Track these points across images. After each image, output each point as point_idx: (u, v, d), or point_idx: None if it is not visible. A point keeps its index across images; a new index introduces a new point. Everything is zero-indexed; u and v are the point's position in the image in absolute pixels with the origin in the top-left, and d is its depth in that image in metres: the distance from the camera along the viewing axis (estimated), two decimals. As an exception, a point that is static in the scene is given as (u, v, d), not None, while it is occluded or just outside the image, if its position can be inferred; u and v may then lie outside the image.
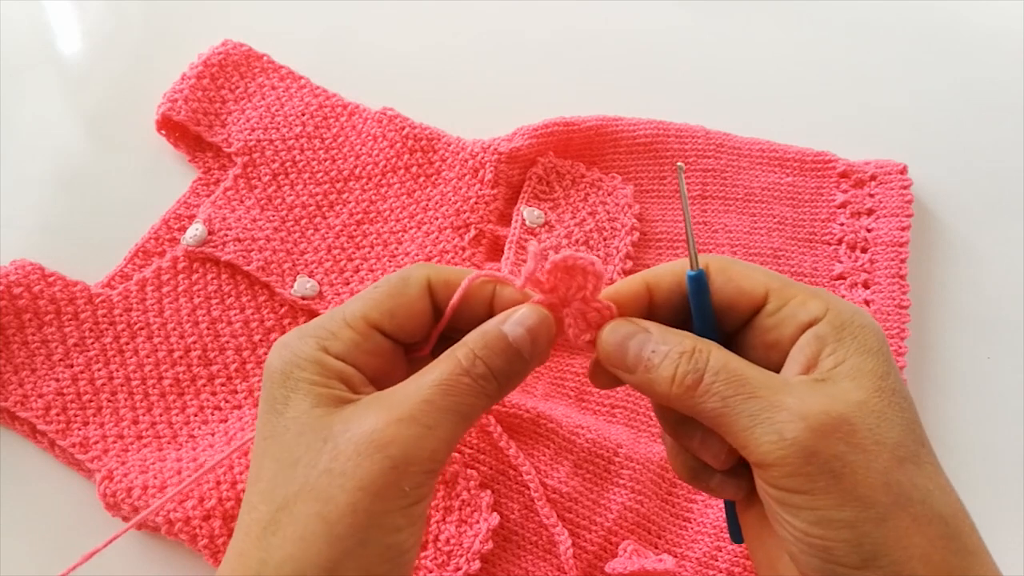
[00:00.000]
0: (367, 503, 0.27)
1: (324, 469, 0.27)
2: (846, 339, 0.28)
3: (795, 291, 0.30)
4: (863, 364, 0.28)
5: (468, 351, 0.29)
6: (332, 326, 0.30)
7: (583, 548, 0.47)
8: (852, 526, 0.26)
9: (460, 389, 0.29)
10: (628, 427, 0.51)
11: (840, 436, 0.26)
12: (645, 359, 0.29)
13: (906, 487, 0.26)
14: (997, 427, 0.52)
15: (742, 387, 0.27)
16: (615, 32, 0.68)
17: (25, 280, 0.51)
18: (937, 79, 0.66)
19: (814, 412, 0.26)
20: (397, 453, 0.27)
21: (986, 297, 0.57)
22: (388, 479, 0.27)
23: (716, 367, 0.28)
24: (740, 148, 0.60)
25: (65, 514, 0.49)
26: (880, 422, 0.27)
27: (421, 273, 0.31)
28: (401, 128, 0.59)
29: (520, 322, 0.30)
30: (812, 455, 0.26)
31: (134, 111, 0.62)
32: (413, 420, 0.28)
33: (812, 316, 0.29)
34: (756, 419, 0.27)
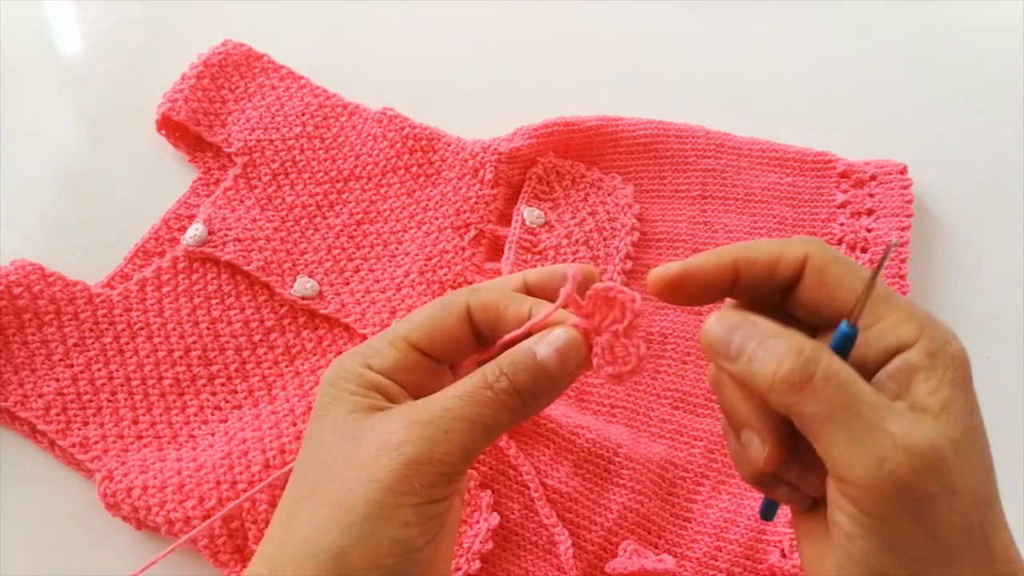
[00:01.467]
0: (380, 495, 0.28)
1: (346, 463, 0.30)
2: (939, 369, 0.27)
3: (888, 310, 0.28)
4: (956, 399, 0.27)
5: (494, 367, 0.31)
6: (378, 345, 0.33)
7: (583, 548, 0.47)
8: (921, 560, 0.26)
9: (480, 400, 0.30)
10: (628, 427, 0.51)
11: (936, 474, 0.26)
12: (750, 350, 0.28)
13: (977, 530, 0.26)
14: (997, 427, 0.52)
15: (852, 401, 0.26)
16: (615, 32, 0.68)
17: (25, 280, 0.51)
18: (937, 79, 0.66)
19: (920, 445, 0.26)
20: (410, 451, 0.29)
21: (986, 297, 0.57)
22: (400, 475, 0.29)
23: (828, 372, 0.27)
24: (740, 148, 0.60)
25: (65, 514, 0.49)
26: (967, 463, 0.26)
27: (461, 300, 0.33)
28: (401, 128, 0.59)
29: (550, 343, 0.31)
30: (907, 488, 0.25)
31: (134, 111, 0.62)
32: (430, 424, 0.29)
33: (903, 341, 0.28)
34: (859, 438, 0.26)
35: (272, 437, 0.48)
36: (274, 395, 0.51)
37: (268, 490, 0.46)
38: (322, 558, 0.28)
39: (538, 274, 0.36)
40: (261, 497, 0.46)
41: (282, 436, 0.48)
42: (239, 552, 0.46)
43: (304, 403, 0.50)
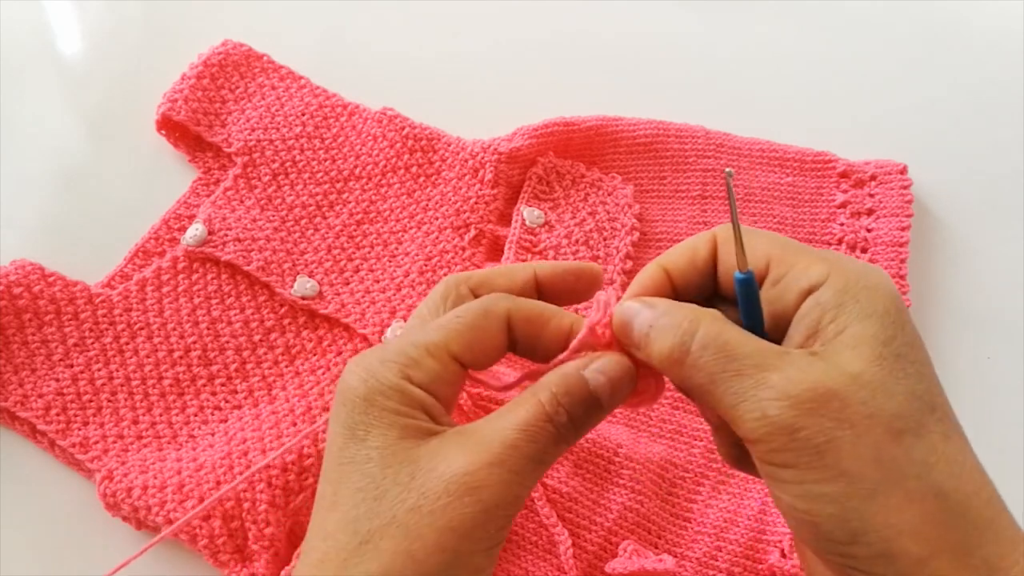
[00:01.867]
0: (455, 543, 0.27)
1: (413, 506, 0.27)
2: (848, 304, 0.27)
3: (798, 257, 0.29)
4: (864, 330, 0.27)
5: (552, 397, 0.29)
6: (415, 353, 0.30)
7: (583, 548, 0.47)
8: (837, 501, 0.25)
9: (544, 437, 0.29)
10: (628, 427, 0.51)
11: (826, 412, 0.25)
12: (645, 333, 0.29)
13: (901, 462, 0.25)
14: (997, 427, 0.52)
15: (730, 363, 0.27)
16: (615, 32, 0.68)
17: (25, 280, 0.51)
18: (937, 79, 0.66)
19: (799, 389, 0.26)
20: (488, 498, 0.27)
21: (986, 297, 0.57)
22: (477, 521, 0.27)
23: (704, 340, 0.27)
24: (740, 148, 0.60)
25: (65, 514, 0.49)
26: (875, 394, 0.26)
27: (502, 307, 0.32)
28: (401, 128, 0.59)
29: (603, 371, 0.30)
30: (795, 431, 0.25)
31: (134, 111, 0.62)
32: (503, 465, 0.28)
33: (813, 282, 0.28)
34: (741, 396, 0.26)
35: (272, 437, 0.48)
36: (274, 395, 0.51)
37: (268, 490, 0.46)
38: None
39: (550, 270, 0.35)
40: (261, 497, 0.46)
41: (282, 436, 0.48)
42: (239, 552, 0.46)
43: (304, 403, 0.50)
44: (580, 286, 0.35)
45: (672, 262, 0.32)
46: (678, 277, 0.32)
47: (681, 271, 0.32)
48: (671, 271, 0.32)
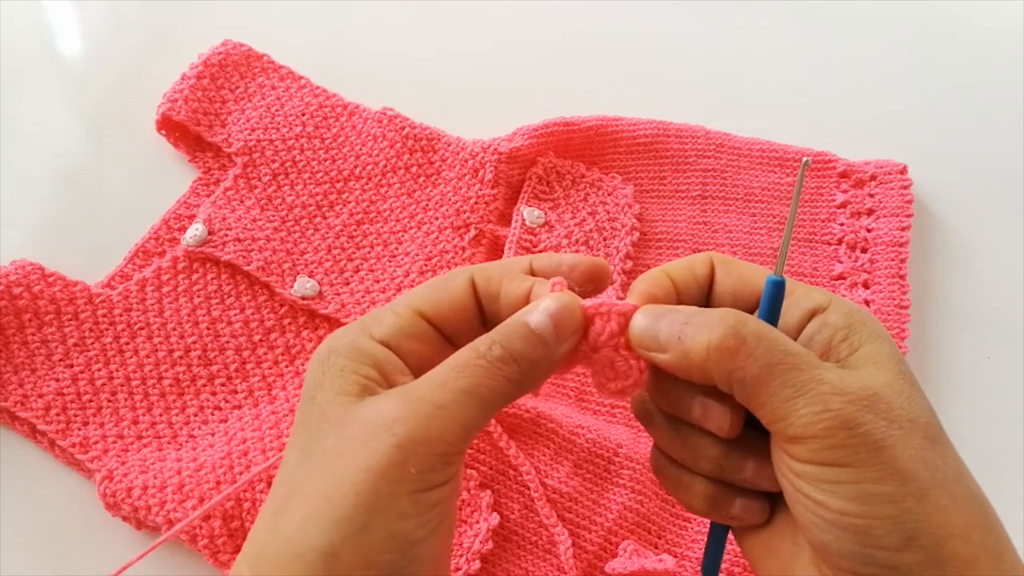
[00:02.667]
0: (371, 484, 0.26)
1: (334, 452, 0.27)
2: (856, 326, 0.28)
3: (796, 285, 0.31)
4: (880, 348, 0.28)
5: (486, 337, 0.29)
6: (378, 314, 0.31)
7: (583, 548, 0.47)
8: (894, 501, 0.25)
9: (475, 370, 0.28)
10: (628, 427, 0.51)
11: (880, 411, 0.26)
12: (679, 331, 0.28)
13: (940, 466, 0.26)
14: (997, 427, 0.52)
15: (787, 356, 0.27)
16: (615, 32, 0.68)
17: (25, 280, 0.51)
18: (937, 79, 0.66)
19: (854, 387, 0.26)
20: (403, 431, 0.26)
21: (986, 297, 0.57)
22: (393, 459, 0.26)
23: (759, 333, 0.27)
24: (740, 148, 0.60)
25: (65, 514, 0.49)
26: (910, 402, 0.27)
27: (465, 272, 0.32)
28: (401, 128, 0.59)
29: (543, 309, 0.29)
30: (857, 425, 0.25)
31: (134, 111, 0.62)
32: (422, 399, 0.27)
33: (816, 304, 0.29)
34: (799, 390, 0.26)
35: (272, 437, 0.48)
36: (274, 395, 0.51)
37: (268, 490, 0.46)
38: (309, 558, 0.26)
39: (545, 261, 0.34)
40: (261, 497, 0.46)
41: (282, 436, 0.48)
42: (239, 552, 0.46)
43: (304, 403, 0.50)
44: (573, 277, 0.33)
45: (674, 271, 0.32)
46: (680, 286, 0.32)
47: (683, 283, 0.32)
48: (674, 280, 0.32)
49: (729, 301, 0.31)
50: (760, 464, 0.30)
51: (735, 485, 0.31)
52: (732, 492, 0.31)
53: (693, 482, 0.32)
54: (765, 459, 0.30)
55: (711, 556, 0.33)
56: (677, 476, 0.32)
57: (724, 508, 0.31)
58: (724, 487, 0.31)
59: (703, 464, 0.31)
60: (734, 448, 0.30)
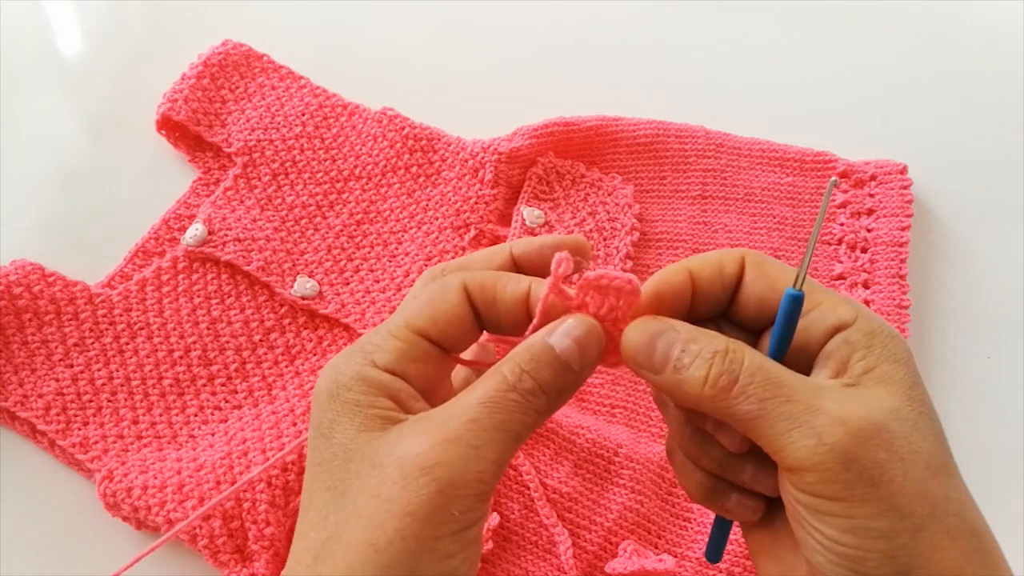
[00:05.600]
0: (415, 529, 0.26)
1: (372, 495, 0.26)
2: (876, 346, 0.28)
3: (825, 295, 0.29)
4: (894, 372, 0.27)
5: (514, 365, 0.28)
6: (376, 339, 0.30)
7: (583, 548, 0.47)
8: (887, 536, 0.25)
9: (507, 406, 0.27)
10: (628, 427, 0.51)
11: (879, 443, 0.25)
12: (674, 359, 0.28)
13: (940, 499, 0.26)
14: (997, 427, 0.52)
15: (779, 390, 0.26)
16: (615, 32, 0.68)
17: (25, 280, 0.51)
18: (937, 79, 0.66)
19: (854, 417, 0.26)
20: (443, 475, 0.26)
21: (986, 297, 0.57)
22: (435, 503, 0.26)
23: (752, 368, 0.27)
24: (740, 148, 0.60)
25: (65, 514, 0.49)
26: (914, 431, 0.26)
27: (456, 280, 0.30)
28: (401, 128, 0.59)
29: (567, 333, 0.29)
30: (851, 461, 0.25)
31: (134, 111, 0.62)
32: (459, 440, 0.27)
33: (841, 320, 0.28)
34: (794, 422, 0.26)
35: (272, 437, 0.48)
36: (274, 395, 0.51)
37: (268, 490, 0.46)
38: None
39: (525, 247, 0.33)
40: (261, 497, 0.46)
41: (282, 436, 0.48)
42: (239, 552, 0.46)
43: (304, 403, 0.50)
44: None
45: (699, 268, 0.31)
46: (702, 286, 0.30)
47: (706, 280, 0.30)
48: (696, 278, 0.30)
49: (754, 307, 0.30)
50: (759, 469, 0.30)
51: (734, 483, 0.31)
52: (730, 488, 0.31)
53: (695, 472, 0.32)
54: (765, 465, 0.30)
55: (715, 541, 0.34)
56: (683, 462, 0.33)
57: (720, 501, 0.32)
58: (723, 483, 0.31)
59: (706, 461, 0.32)
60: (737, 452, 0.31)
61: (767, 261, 0.30)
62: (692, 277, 0.30)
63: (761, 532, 0.31)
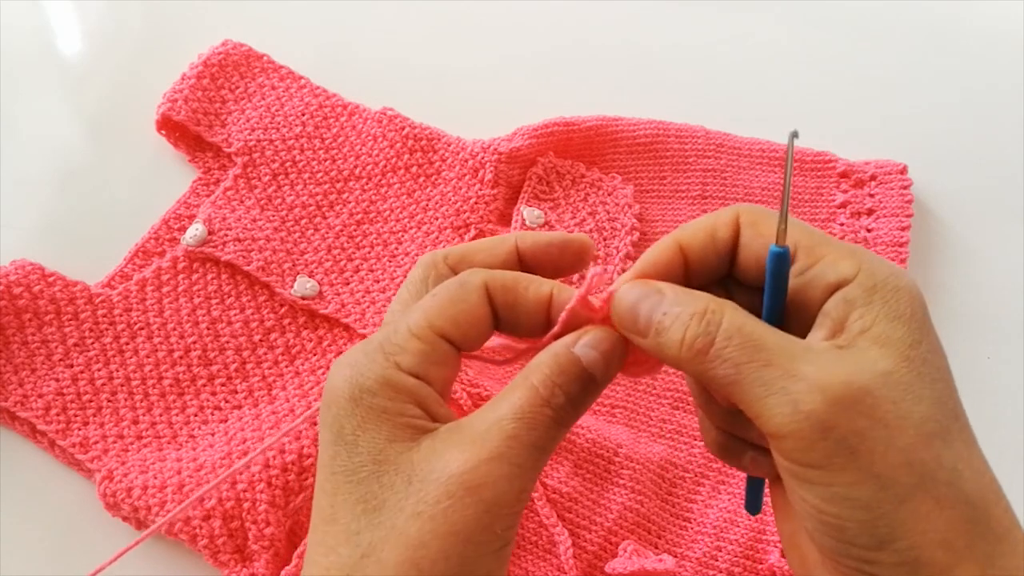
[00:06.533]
0: (460, 548, 0.25)
1: (412, 513, 0.26)
2: (876, 302, 0.26)
3: (827, 249, 0.28)
4: (892, 331, 0.26)
5: (545, 379, 0.28)
6: (398, 339, 0.28)
7: (583, 548, 0.47)
8: (868, 506, 0.24)
9: (543, 422, 0.27)
10: (628, 427, 0.51)
11: (861, 409, 0.24)
12: (656, 322, 0.27)
13: (931, 466, 0.24)
14: (997, 427, 0.52)
15: (757, 353, 0.25)
16: (615, 32, 0.68)
17: (25, 280, 0.51)
18: (937, 79, 0.66)
19: (834, 383, 0.24)
20: (489, 496, 0.26)
21: (986, 297, 0.57)
22: (482, 523, 0.26)
23: (729, 331, 0.26)
24: (740, 148, 0.60)
25: (65, 514, 0.49)
26: (906, 395, 0.25)
27: (478, 278, 0.29)
28: (401, 128, 0.59)
29: (593, 345, 0.28)
30: (828, 429, 0.24)
31: (134, 111, 0.62)
32: (502, 459, 0.26)
33: (841, 277, 0.27)
34: (770, 388, 0.25)
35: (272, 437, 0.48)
36: (274, 395, 0.51)
37: (268, 490, 0.46)
38: None
39: (531, 242, 0.32)
40: (261, 497, 0.46)
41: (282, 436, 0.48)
42: (239, 552, 0.46)
43: (304, 403, 0.50)
44: (566, 259, 0.33)
45: (689, 238, 0.30)
46: (694, 256, 0.30)
47: (698, 249, 0.30)
48: (687, 249, 0.30)
49: (755, 268, 0.29)
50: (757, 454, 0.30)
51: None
52: (744, 445, 0.31)
53: (711, 428, 0.32)
54: None
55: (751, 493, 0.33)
56: (702, 418, 0.33)
57: (736, 458, 0.31)
58: (737, 439, 0.31)
59: (716, 418, 0.32)
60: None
61: (762, 219, 0.29)
62: (682, 249, 0.30)
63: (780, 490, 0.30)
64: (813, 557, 0.28)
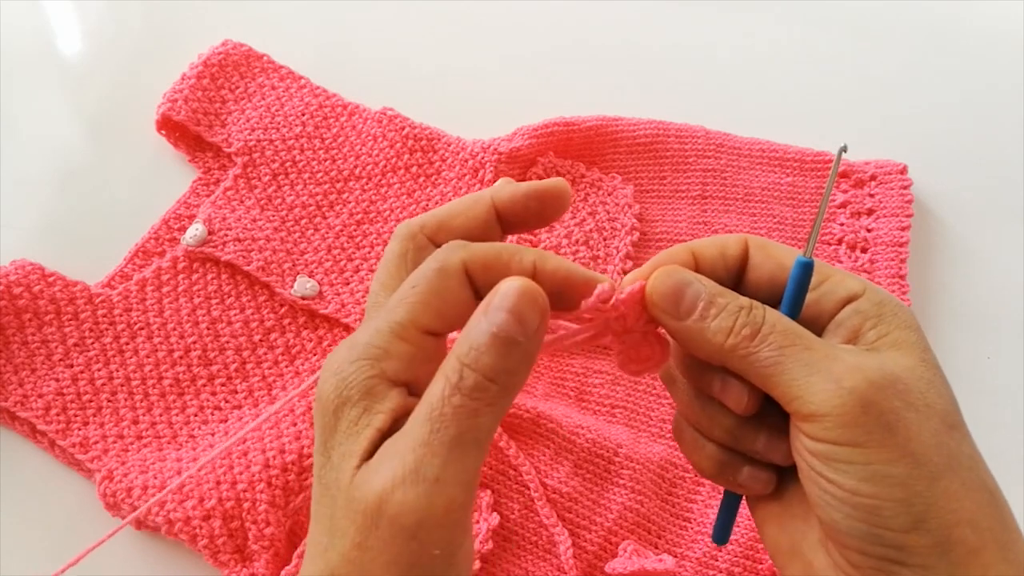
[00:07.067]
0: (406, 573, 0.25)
1: (351, 544, 0.25)
2: (887, 315, 0.28)
3: (832, 271, 0.30)
4: (907, 337, 0.28)
5: (453, 360, 0.26)
6: (382, 342, 0.27)
7: (583, 548, 0.47)
8: (904, 484, 0.25)
9: (454, 415, 0.25)
10: (628, 427, 0.51)
11: (896, 391, 0.26)
12: (701, 307, 0.29)
13: (955, 452, 0.26)
14: (997, 427, 0.52)
15: (799, 339, 0.27)
16: (615, 32, 0.68)
17: (25, 280, 0.51)
18: (937, 80, 0.66)
19: (870, 367, 0.26)
20: (410, 522, 0.24)
21: (986, 297, 0.57)
22: (411, 550, 0.24)
23: (772, 321, 0.28)
24: (740, 148, 0.60)
25: (65, 514, 0.49)
26: (929, 388, 0.27)
27: (457, 260, 0.28)
28: (401, 128, 0.59)
29: (500, 306, 0.25)
30: (870, 404, 0.26)
31: (134, 111, 0.62)
32: (415, 476, 0.24)
33: (851, 292, 0.29)
34: (813, 368, 0.27)
35: (272, 437, 0.48)
36: (274, 395, 0.51)
37: (268, 490, 0.46)
38: None
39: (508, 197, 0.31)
40: (261, 497, 0.46)
41: (282, 436, 0.48)
42: (239, 552, 0.46)
43: (304, 403, 0.50)
44: (546, 209, 0.31)
45: (701, 249, 0.31)
46: (705, 264, 0.31)
47: (709, 262, 0.31)
48: (700, 259, 0.31)
49: (766, 287, 0.30)
50: (773, 437, 0.30)
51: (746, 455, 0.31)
52: (741, 460, 0.31)
53: (706, 445, 0.32)
54: (778, 433, 0.30)
55: (722, 521, 0.34)
56: (693, 438, 0.33)
57: (731, 475, 0.31)
58: (735, 455, 0.31)
59: (717, 432, 0.32)
60: (749, 420, 0.31)
61: (770, 244, 0.31)
62: (695, 257, 0.31)
63: (770, 503, 0.31)
64: (822, 562, 0.28)
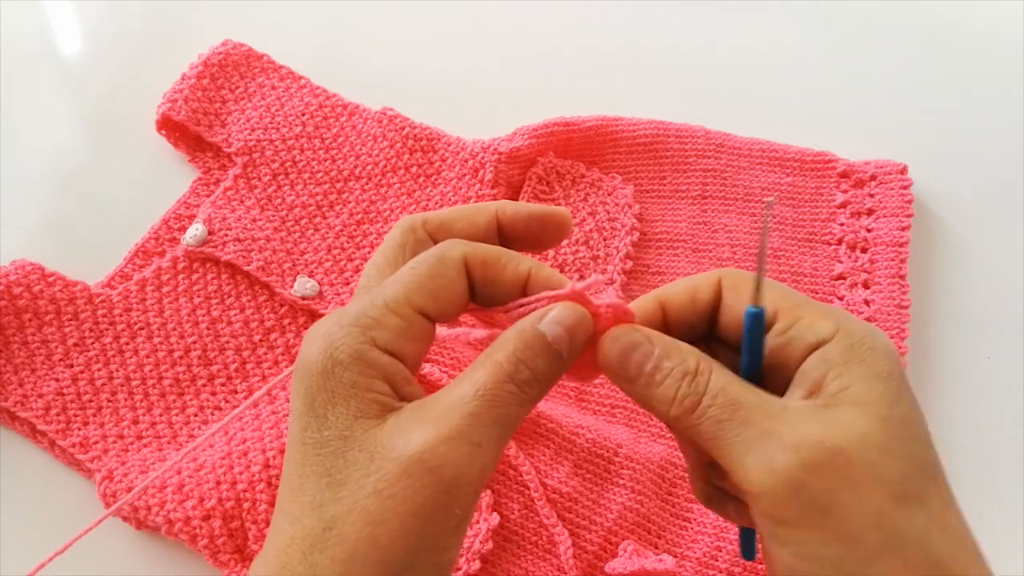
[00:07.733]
0: (419, 527, 0.26)
1: (373, 490, 0.26)
2: (853, 363, 0.27)
3: (806, 311, 0.29)
4: (870, 391, 0.26)
5: (510, 354, 0.28)
6: (375, 312, 0.28)
7: (583, 548, 0.47)
8: (838, 565, 0.25)
9: (505, 398, 0.27)
10: (628, 427, 0.51)
11: (833, 470, 0.25)
12: (646, 372, 0.28)
13: (900, 527, 0.25)
14: (997, 427, 0.52)
15: (736, 411, 0.27)
16: (615, 32, 0.68)
17: (25, 280, 0.51)
18: (938, 80, 0.66)
19: (808, 442, 0.25)
20: (448, 476, 0.26)
21: (986, 297, 0.57)
22: (440, 503, 0.26)
23: (714, 390, 0.27)
24: (740, 148, 0.60)
25: (65, 514, 0.49)
26: (881, 456, 0.25)
27: (458, 252, 0.29)
28: (401, 128, 0.59)
29: (558, 321, 0.28)
30: (800, 488, 0.25)
31: (134, 111, 0.62)
32: (461, 438, 0.26)
33: (820, 337, 0.28)
34: (748, 446, 0.26)
35: (272, 437, 0.48)
36: (274, 395, 0.51)
37: (268, 490, 0.46)
38: None
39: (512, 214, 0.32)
40: (261, 497, 0.46)
41: (282, 436, 0.48)
42: (239, 552, 0.46)
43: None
44: (546, 233, 0.33)
45: (670, 297, 0.31)
46: (674, 314, 0.31)
47: (678, 308, 0.31)
48: (668, 307, 0.31)
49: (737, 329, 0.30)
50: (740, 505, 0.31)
51: None
52: (728, 496, 0.32)
53: (698, 479, 0.33)
54: None
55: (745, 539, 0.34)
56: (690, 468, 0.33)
57: (721, 507, 0.32)
58: (721, 490, 0.32)
59: (700, 470, 0.32)
60: None
61: (743, 283, 0.30)
62: (663, 306, 0.31)
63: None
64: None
